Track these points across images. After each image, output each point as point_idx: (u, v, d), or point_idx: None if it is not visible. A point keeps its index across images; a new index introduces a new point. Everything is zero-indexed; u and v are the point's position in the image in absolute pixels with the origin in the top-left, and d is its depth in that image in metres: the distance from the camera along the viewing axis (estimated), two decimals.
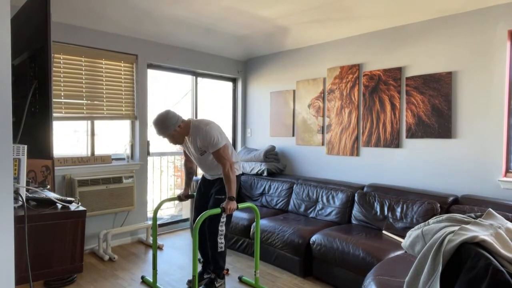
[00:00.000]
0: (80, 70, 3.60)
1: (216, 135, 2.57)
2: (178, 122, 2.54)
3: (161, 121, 2.50)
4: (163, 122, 2.49)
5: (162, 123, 2.49)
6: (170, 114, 2.52)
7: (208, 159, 2.70)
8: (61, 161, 3.49)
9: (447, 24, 3.19)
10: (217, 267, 2.76)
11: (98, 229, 3.74)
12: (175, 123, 2.52)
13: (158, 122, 2.51)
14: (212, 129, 2.58)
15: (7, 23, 0.91)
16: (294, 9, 3.36)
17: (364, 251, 2.70)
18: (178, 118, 2.55)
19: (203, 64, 4.65)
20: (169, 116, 2.51)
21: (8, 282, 0.92)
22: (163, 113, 2.52)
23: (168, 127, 2.50)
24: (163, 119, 2.50)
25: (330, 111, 4.08)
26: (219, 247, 2.71)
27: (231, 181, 2.57)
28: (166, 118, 2.50)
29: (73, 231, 1.28)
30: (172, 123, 2.51)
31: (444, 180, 3.23)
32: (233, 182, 2.58)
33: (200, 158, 2.73)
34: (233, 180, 2.58)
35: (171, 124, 2.50)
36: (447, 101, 3.18)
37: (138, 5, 3.33)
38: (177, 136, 2.58)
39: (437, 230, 1.45)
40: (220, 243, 2.71)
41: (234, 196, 2.56)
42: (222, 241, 2.72)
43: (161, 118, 2.50)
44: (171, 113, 2.54)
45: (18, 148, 1.27)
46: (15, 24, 1.56)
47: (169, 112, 2.54)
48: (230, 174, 2.57)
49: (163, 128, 2.50)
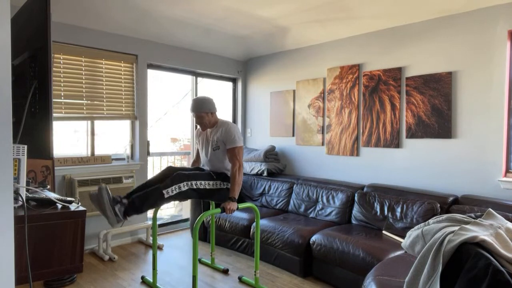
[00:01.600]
0: (80, 70, 3.60)
1: (237, 134, 2.74)
2: (214, 109, 2.75)
3: (202, 99, 2.72)
4: (203, 101, 2.71)
5: (202, 101, 2.70)
6: (209, 100, 2.75)
7: (219, 156, 2.74)
8: (61, 161, 3.49)
9: (447, 24, 3.19)
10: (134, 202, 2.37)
11: (98, 229, 3.74)
12: (211, 108, 2.73)
13: (199, 99, 2.72)
14: (235, 129, 2.77)
15: (7, 23, 0.91)
16: (294, 9, 3.36)
17: (364, 251, 2.70)
18: (214, 107, 2.77)
19: (203, 64, 4.65)
20: (208, 100, 2.74)
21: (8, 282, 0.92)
22: (205, 96, 2.78)
23: (204, 107, 2.70)
24: (204, 99, 2.73)
25: (330, 111, 4.08)
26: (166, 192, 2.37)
27: (237, 182, 2.59)
28: (207, 100, 2.73)
29: (73, 231, 1.28)
30: (209, 107, 2.71)
31: (444, 180, 3.23)
32: (238, 183, 2.60)
33: (212, 153, 2.77)
34: (238, 182, 2.60)
35: (208, 107, 2.71)
36: (447, 101, 3.18)
37: (138, 5, 3.33)
38: (206, 119, 2.74)
39: (437, 230, 1.45)
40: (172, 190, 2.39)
41: (235, 198, 2.57)
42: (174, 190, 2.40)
43: (203, 98, 2.74)
44: (211, 101, 2.77)
45: (18, 148, 1.27)
46: (15, 24, 1.55)
47: (210, 99, 2.77)
48: (237, 175, 2.60)
49: (200, 105, 2.69)
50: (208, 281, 3.04)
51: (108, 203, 2.28)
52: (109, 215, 2.28)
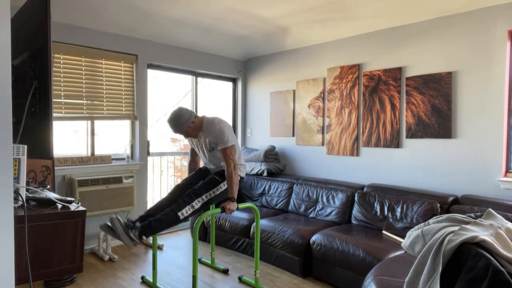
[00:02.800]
0: (80, 70, 3.60)
1: (227, 133, 2.61)
2: (192, 118, 2.57)
3: (175, 119, 2.52)
4: (178, 120, 2.52)
5: (176, 121, 2.52)
6: (183, 111, 2.55)
7: (217, 155, 2.74)
8: (61, 161, 3.49)
9: (447, 24, 3.19)
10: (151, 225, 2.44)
11: (98, 229, 3.74)
12: (189, 119, 2.55)
13: (172, 120, 2.53)
14: (224, 127, 2.62)
15: (7, 23, 0.91)
16: (294, 9, 3.36)
17: (364, 251, 2.70)
18: (191, 114, 2.58)
19: (203, 64, 4.65)
20: (182, 113, 2.54)
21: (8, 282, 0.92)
22: (176, 111, 2.54)
23: (182, 124, 2.53)
24: (177, 116, 2.52)
25: (330, 111, 4.08)
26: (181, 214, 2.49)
27: (233, 182, 2.57)
28: (180, 116, 2.52)
29: (73, 231, 1.28)
30: (185, 120, 2.53)
31: (444, 180, 3.23)
32: (235, 183, 2.58)
33: (209, 154, 2.77)
34: (235, 181, 2.58)
35: (185, 121, 2.53)
36: (447, 101, 3.18)
37: (138, 5, 3.33)
38: (191, 131, 2.62)
39: (437, 230, 1.45)
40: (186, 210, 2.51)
41: (235, 197, 2.57)
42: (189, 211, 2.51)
43: (175, 116, 2.52)
44: (184, 110, 2.56)
45: (18, 148, 1.27)
46: (15, 24, 1.56)
47: (182, 109, 2.56)
48: (233, 175, 2.57)
49: (178, 125, 2.53)
50: (208, 281, 3.04)
51: (122, 231, 2.34)
52: (125, 241, 2.35)
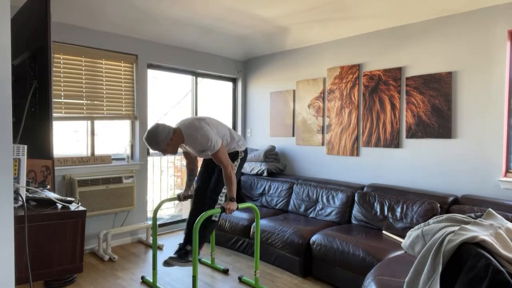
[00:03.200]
0: (80, 70, 3.60)
1: (211, 138, 2.48)
2: (169, 135, 2.44)
3: (152, 138, 2.41)
4: (154, 139, 2.41)
5: (153, 140, 2.41)
6: (159, 128, 2.42)
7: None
8: (61, 161, 3.49)
9: (447, 24, 3.19)
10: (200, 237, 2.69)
11: (98, 229, 3.74)
12: (166, 136, 2.43)
13: (149, 139, 2.42)
14: (205, 133, 2.48)
15: (7, 23, 0.91)
16: (294, 9, 3.36)
17: (364, 251, 2.70)
18: (168, 131, 2.45)
19: (203, 64, 4.65)
20: (159, 131, 2.41)
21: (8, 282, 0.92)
22: (152, 129, 2.43)
23: (160, 143, 2.42)
24: (153, 135, 2.41)
25: (330, 111, 4.08)
26: (213, 216, 2.73)
27: (232, 182, 2.59)
28: (156, 134, 2.40)
29: (73, 231, 1.28)
30: (163, 138, 2.41)
31: (444, 180, 3.23)
32: (233, 183, 2.60)
33: (203, 155, 2.78)
34: (233, 181, 2.60)
35: (162, 139, 2.41)
36: (447, 101, 3.18)
37: (138, 5, 3.33)
38: (171, 149, 2.50)
39: (437, 230, 1.45)
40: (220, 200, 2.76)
41: (234, 197, 2.58)
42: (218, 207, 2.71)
43: (151, 135, 2.41)
44: (161, 127, 2.43)
45: (18, 148, 1.27)
46: (15, 24, 1.55)
47: (159, 126, 2.43)
48: (231, 175, 2.58)
49: (155, 144, 2.42)
50: (208, 281, 3.04)
51: (181, 263, 2.69)
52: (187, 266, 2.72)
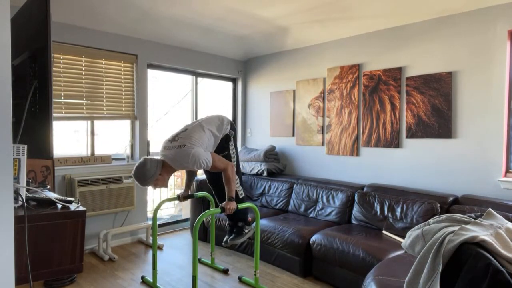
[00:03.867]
0: (80, 70, 3.60)
1: (200, 160, 2.36)
2: (158, 170, 2.36)
3: (140, 175, 2.34)
4: (143, 176, 2.34)
5: (142, 177, 2.34)
6: (147, 165, 2.34)
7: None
8: (61, 161, 3.49)
9: (447, 24, 3.19)
10: (241, 216, 2.86)
11: (98, 229, 3.74)
12: (155, 172, 2.35)
13: (137, 176, 2.35)
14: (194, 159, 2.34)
15: (7, 23, 0.91)
16: (294, 9, 3.36)
17: (364, 251, 2.70)
18: (157, 166, 2.36)
19: (203, 64, 4.65)
20: (146, 168, 2.33)
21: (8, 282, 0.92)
22: (140, 166, 2.34)
23: (148, 180, 2.35)
24: (142, 173, 2.33)
25: (330, 111, 4.08)
26: (240, 195, 2.81)
27: (231, 183, 2.58)
28: (144, 172, 2.33)
29: (73, 231, 1.28)
30: (151, 174, 2.34)
31: (444, 180, 3.23)
32: (233, 183, 2.59)
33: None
34: (233, 182, 2.59)
35: (151, 175, 2.34)
36: (447, 101, 3.18)
37: (138, 5, 3.33)
38: (161, 183, 2.43)
39: (437, 230, 1.45)
40: (239, 190, 2.81)
41: (233, 197, 2.58)
42: (240, 188, 2.82)
43: (140, 172, 2.34)
44: (149, 163, 2.35)
45: (18, 148, 1.27)
46: (15, 24, 1.55)
47: (146, 163, 2.35)
48: (231, 177, 2.57)
49: (144, 181, 2.35)
50: (208, 281, 3.04)
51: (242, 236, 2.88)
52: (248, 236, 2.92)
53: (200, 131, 2.51)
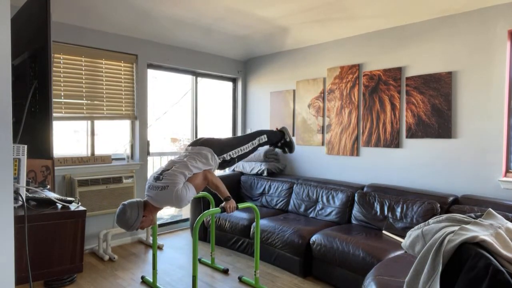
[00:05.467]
0: (80, 70, 3.60)
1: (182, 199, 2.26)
2: (140, 213, 2.26)
3: (123, 224, 2.25)
4: (126, 224, 2.25)
5: (125, 225, 2.26)
6: (127, 213, 2.22)
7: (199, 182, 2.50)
8: (61, 161, 3.49)
9: (447, 24, 3.19)
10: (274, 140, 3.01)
11: (98, 229, 3.74)
12: (137, 218, 2.25)
13: (121, 225, 2.26)
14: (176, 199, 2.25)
15: (7, 23, 0.91)
16: (294, 9, 3.36)
17: (364, 251, 2.70)
18: (138, 210, 2.26)
19: (203, 64, 4.65)
20: (126, 216, 2.22)
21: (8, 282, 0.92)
22: (120, 214, 2.24)
23: (133, 226, 2.26)
24: (124, 222, 2.24)
25: (330, 111, 4.08)
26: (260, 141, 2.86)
27: (219, 187, 2.52)
28: (126, 220, 2.23)
29: (73, 231, 1.28)
30: (133, 220, 2.25)
31: (444, 180, 3.23)
32: (220, 185, 2.53)
33: None
34: (219, 184, 2.52)
35: (133, 222, 2.25)
36: (447, 101, 3.18)
37: (138, 5, 3.33)
38: (147, 223, 2.35)
39: (437, 230, 1.45)
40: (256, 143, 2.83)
41: (229, 196, 2.56)
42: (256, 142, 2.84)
43: (122, 221, 2.24)
44: (128, 210, 2.23)
45: (18, 148, 1.27)
46: (15, 24, 1.55)
47: (126, 210, 2.23)
48: (214, 181, 2.49)
49: (129, 228, 2.27)
50: (208, 281, 3.04)
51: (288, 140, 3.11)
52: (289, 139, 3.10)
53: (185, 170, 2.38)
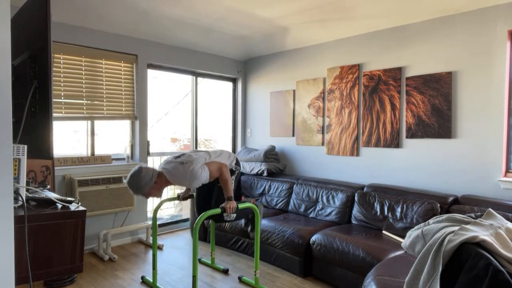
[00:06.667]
0: (80, 70, 3.60)
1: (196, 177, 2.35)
2: (153, 179, 2.34)
3: (134, 181, 2.32)
4: (137, 183, 2.31)
5: (135, 184, 2.32)
6: (142, 172, 2.31)
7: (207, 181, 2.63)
8: (61, 161, 3.49)
9: (447, 24, 3.19)
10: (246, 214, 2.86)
11: (98, 229, 3.74)
12: (150, 180, 2.33)
13: (131, 183, 2.32)
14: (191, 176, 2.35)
15: (7, 23, 0.91)
16: (294, 9, 3.36)
17: (364, 251, 2.70)
18: (152, 174, 2.34)
19: (203, 64, 4.65)
20: (141, 175, 2.31)
21: (8, 282, 0.92)
22: (135, 173, 2.32)
23: (142, 187, 2.32)
24: (136, 179, 2.31)
25: (330, 111, 4.08)
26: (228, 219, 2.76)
27: (228, 183, 2.58)
28: (139, 179, 2.30)
29: (73, 231, 1.28)
30: (146, 182, 2.31)
31: (444, 180, 3.23)
32: (229, 183, 2.59)
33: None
34: (229, 181, 2.59)
35: (145, 183, 2.31)
36: (447, 101, 3.18)
37: (138, 5, 3.33)
38: (155, 192, 2.40)
39: (437, 230, 1.45)
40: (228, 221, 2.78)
41: (232, 196, 2.58)
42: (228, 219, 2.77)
43: (133, 179, 2.31)
44: (144, 170, 2.33)
45: (18, 148, 1.27)
46: (15, 24, 1.55)
47: (141, 170, 2.32)
48: (227, 177, 2.57)
49: (137, 189, 2.32)
50: (208, 281, 3.04)
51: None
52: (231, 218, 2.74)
53: (206, 155, 2.57)
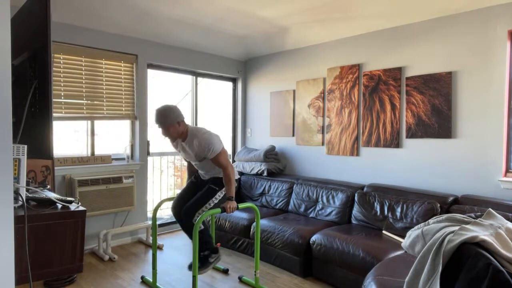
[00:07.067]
0: (80, 70, 3.60)
1: (214, 141, 2.58)
2: (179, 118, 2.58)
3: (163, 110, 2.54)
4: (165, 112, 2.54)
5: (163, 113, 2.54)
6: (174, 108, 2.58)
7: (208, 164, 2.73)
8: (61, 161, 3.49)
9: (447, 24, 3.19)
10: (203, 245, 2.74)
11: (98, 229, 3.74)
12: (176, 118, 2.56)
13: (160, 111, 2.55)
14: (210, 136, 2.60)
15: (7, 23, 0.91)
16: (294, 9, 3.36)
17: (364, 251, 2.70)
18: (180, 115, 2.60)
19: (203, 64, 4.65)
20: (172, 110, 2.56)
21: (8, 282, 0.92)
22: (168, 105, 2.59)
23: (167, 119, 2.54)
24: (166, 109, 2.55)
25: (330, 111, 4.08)
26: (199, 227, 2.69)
27: (232, 182, 2.61)
28: (169, 110, 2.55)
29: (73, 231, 1.28)
30: (173, 117, 2.55)
31: (444, 180, 3.23)
32: (233, 183, 2.62)
33: (199, 164, 2.77)
34: (233, 182, 2.62)
35: (172, 117, 2.54)
36: (447, 101, 3.18)
37: (138, 5, 3.33)
38: (172, 131, 2.59)
39: (437, 230, 1.45)
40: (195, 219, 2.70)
41: (233, 197, 2.59)
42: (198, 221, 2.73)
43: (164, 108, 2.56)
44: (176, 108, 2.59)
45: (18, 148, 1.27)
46: (15, 24, 1.55)
47: (175, 107, 2.59)
48: (231, 176, 2.61)
49: (163, 117, 2.54)
50: (208, 281, 3.04)
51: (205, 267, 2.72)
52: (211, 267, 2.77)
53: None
